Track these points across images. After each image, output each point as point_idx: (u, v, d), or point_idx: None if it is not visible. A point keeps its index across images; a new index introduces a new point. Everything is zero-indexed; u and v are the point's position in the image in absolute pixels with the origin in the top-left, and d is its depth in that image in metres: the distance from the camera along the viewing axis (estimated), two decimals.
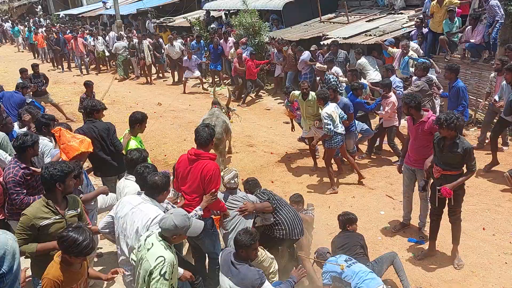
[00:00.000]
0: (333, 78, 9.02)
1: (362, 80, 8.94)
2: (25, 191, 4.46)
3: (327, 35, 11.81)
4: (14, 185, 4.41)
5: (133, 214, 3.71)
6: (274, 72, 13.13)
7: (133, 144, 5.52)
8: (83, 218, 3.84)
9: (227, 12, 17.28)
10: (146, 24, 20.93)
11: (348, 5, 13.57)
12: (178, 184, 4.46)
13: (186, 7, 20.70)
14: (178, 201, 4.78)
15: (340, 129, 7.10)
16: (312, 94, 7.61)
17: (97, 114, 5.82)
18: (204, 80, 15.24)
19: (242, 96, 13.07)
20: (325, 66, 9.49)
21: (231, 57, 13.69)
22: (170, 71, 16.56)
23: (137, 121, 5.63)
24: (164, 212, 3.78)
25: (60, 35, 20.11)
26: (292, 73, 12.14)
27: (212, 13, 17.98)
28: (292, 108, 8.50)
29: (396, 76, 8.77)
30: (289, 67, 12.16)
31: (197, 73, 14.45)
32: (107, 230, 3.97)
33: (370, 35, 10.95)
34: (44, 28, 23.34)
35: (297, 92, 7.94)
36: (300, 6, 14.13)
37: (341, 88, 8.86)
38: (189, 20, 17.28)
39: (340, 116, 7.17)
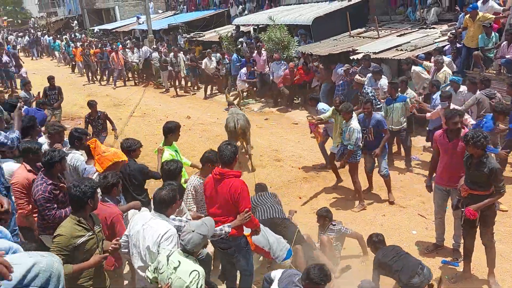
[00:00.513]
0: (371, 91, 8.88)
1: (409, 92, 8.72)
2: (55, 205, 4.54)
3: (357, 49, 11.72)
4: (45, 202, 4.48)
5: (144, 231, 3.75)
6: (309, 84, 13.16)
7: (166, 155, 5.66)
8: (102, 233, 3.87)
9: (255, 27, 17.43)
10: (177, 39, 21.36)
11: (378, 19, 13.46)
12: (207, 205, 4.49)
13: (215, 22, 21.03)
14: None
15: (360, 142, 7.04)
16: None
17: (134, 153, 5.70)
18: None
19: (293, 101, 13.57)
20: (364, 79, 9.31)
21: (271, 70, 13.75)
22: (202, 85, 16.83)
23: (170, 131, 5.86)
24: (175, 227, 3.79)
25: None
26: (327, 84, 12.12)
27: (242, 28, 18.19)
28: (311, 128, 8.41)
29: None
30: (324, 79, 12.17)
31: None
32: (126, 250, 3.97)
33: (401, 50, 10.80)
34: (81, 43, 24.12)
35: (328, 111, 7.93)
36: (329, 21, 14.11)
37: (378, 103, 8.70)
38: (220, 34, 17.55)
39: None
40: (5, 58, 17.98)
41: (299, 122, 12.22)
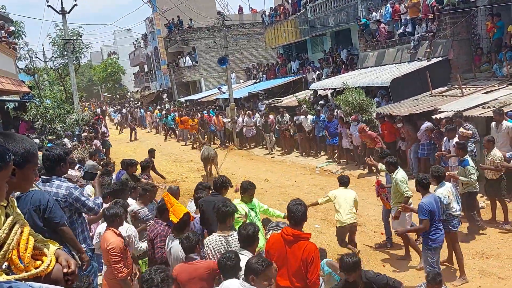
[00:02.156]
0: (473, 149, 8.38)
1: (494, 153, 8.17)
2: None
3: (440, 108, 11.30)
4: (161, 240, 5.11)
5: None
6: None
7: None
8: None
9: (333, 91, 17.65)
10: (258, 106, 22.24)
11: (461, 77, 12.98)
12: None
13: (293, 88, 21.66)
14: None
15: (458, 211, 6.44)
16: (401, 173, 7.12)
17: (225, 190, 6.03)
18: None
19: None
20: (470, 132, 8.90)
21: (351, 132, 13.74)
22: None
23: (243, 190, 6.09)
24: None
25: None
26: (416, 145, 11.71)
27: (319, 92, 18.52)
28: (377, 188, 8.01)
29: None
30: (412, 141, 11.81)
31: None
32: None
33: (489, 107, 10.21)
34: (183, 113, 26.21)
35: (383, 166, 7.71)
36: (408, 81, 13.88)
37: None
38: (298, 98, 18.03)
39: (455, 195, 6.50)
40: (103, 129, 19.92)
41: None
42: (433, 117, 11.14)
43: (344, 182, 7.69)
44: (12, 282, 1.52)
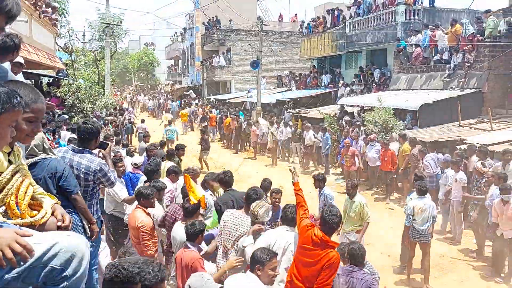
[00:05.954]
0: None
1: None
2: None
3: (465, 139, 11.08)
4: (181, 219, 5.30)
5: None
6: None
7: None
8: None
9: (360, 109, 17.50)
10: (284, 114, 22.23)
11: (493, 112, 12.71)
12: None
13: (322, 101, 21.58)
14: None
15: None
16: (360, 200, 7.29)
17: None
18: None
19: None
20: (486, 169, 8.60)
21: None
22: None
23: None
24: None
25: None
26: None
27: (346, 108, 18.38)
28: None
29: None
30: (413, 168, 11.56)
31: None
32: None
33: None
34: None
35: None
36: (438, 108, 13.68)
37: None
38: (321, 112, 17.94)
39: None
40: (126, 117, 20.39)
41: (395, 208, 11.62)
42: (458, 147, 10.91)
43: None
44: (4, 222, 1.57)
